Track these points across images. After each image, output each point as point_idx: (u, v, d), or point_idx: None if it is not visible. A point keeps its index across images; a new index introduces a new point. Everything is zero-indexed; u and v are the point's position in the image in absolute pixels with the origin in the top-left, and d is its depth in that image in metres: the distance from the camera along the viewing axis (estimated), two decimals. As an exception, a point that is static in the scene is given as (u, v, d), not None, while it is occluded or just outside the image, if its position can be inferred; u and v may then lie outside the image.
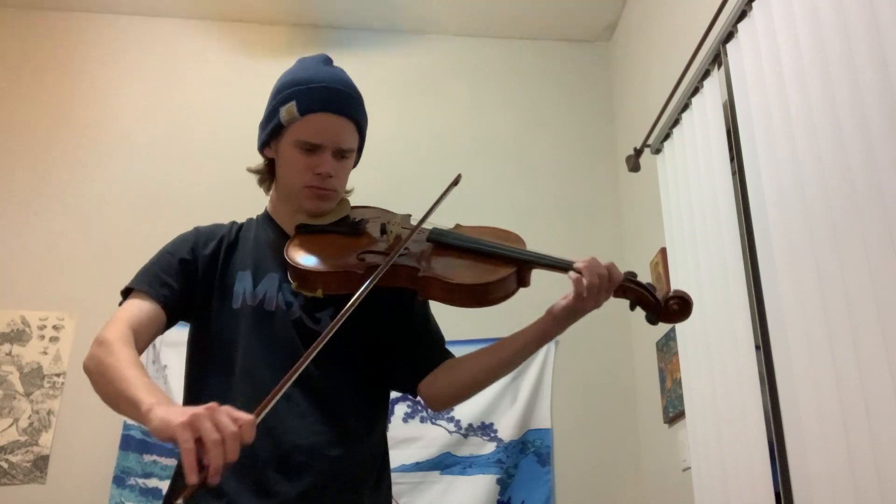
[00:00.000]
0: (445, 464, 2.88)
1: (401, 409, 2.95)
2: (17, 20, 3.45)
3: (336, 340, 1.12)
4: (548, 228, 3.23)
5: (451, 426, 2.93)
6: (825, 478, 1.52)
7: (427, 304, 1.51)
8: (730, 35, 2.05)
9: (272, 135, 1.41)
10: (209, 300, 1.37)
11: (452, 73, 3.58)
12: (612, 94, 3.59)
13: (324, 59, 1.46)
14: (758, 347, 1.89)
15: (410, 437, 2.88)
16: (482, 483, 2.84)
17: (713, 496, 2.02)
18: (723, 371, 1.99)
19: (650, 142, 2.65)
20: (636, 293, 1.28)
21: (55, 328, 2.98)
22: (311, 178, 1.38)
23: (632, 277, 1.29)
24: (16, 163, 3.23)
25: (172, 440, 0.94)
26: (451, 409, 2.91)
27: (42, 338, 2.96)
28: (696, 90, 2.27)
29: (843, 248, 1.48)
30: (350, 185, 1.49)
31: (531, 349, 1.35)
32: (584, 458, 2.95)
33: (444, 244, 1.35)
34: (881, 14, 1.42)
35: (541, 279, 1.37)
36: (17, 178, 3.21)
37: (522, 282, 1.32)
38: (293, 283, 1.32)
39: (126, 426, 2.83)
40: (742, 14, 1.98)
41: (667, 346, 2.67)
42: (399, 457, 2.78)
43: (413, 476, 2.82)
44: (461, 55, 3.62)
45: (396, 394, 1.52)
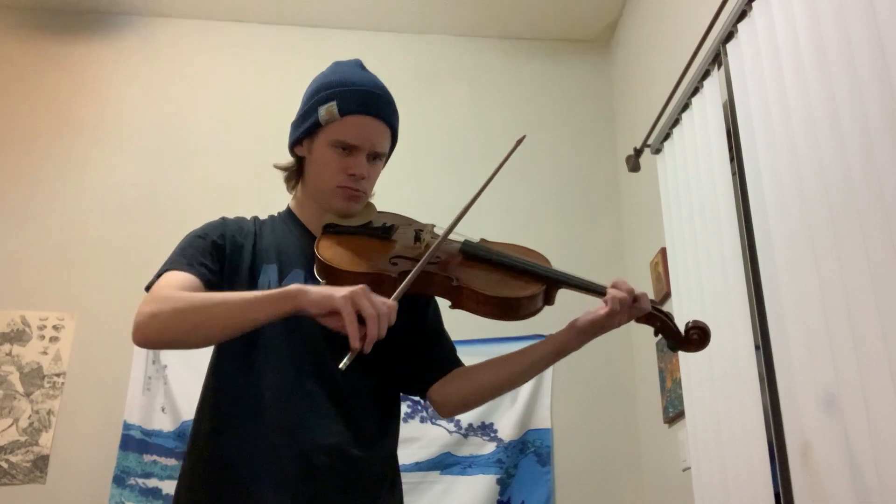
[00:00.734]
0: (445, 464, 2.88)
1: (401, 410, 2.95)
2: (18, 20, 3.45)
3: None
4: (548, 228, 3.24)
5: (451, 426, 2.93)
6: (825, 478, 1.52)
7: (439, 312, 1.52)
8: (730, 35, 2.05)
9: (307, 133, 1.41)
10: (233, 287, 1.36)
11: (452, 73, 3.58)
12: (613, 94, 3.59)
13: (359, 64, 1.49)
14: (758, 347, 1.89)
15: (410, 437, 2.88)
16: (482, 483, 2.84)
17: (713, 496, 2.02)
18: (723, 371, 1.99)
19: (650, 142, 2.64)
20: (662, 321, 1.35)
21: (55, 328, 2.98)
22: (345, 179, 1.39)
23: (657, 305, 1.36)
24: (16, 163, 3.23)
25: (334, 311, 1.08)
26: (454, 411, 2.92)
27: (42, 338, 2.97)
28: (696, 90, 2.27)
29: (843, 248, 1.48)
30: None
31: (548, 362, 1.37)
32: (584, 458, 2.95)
33: (477, 256, 1.38)
34: (881, 14, 1.41)
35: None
36: (17, 178, 3.21)
37: (549, 300, 1.36)
38: (322, 281, 1.32)
39: (126, 426, 2.83)
40: (742, 14, 1.98)
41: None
42: (399, 457, 2.77)
43: (413, 476, 2.81)
44: (461, 55, 3.62)
45: (397, 394, 1.52)
